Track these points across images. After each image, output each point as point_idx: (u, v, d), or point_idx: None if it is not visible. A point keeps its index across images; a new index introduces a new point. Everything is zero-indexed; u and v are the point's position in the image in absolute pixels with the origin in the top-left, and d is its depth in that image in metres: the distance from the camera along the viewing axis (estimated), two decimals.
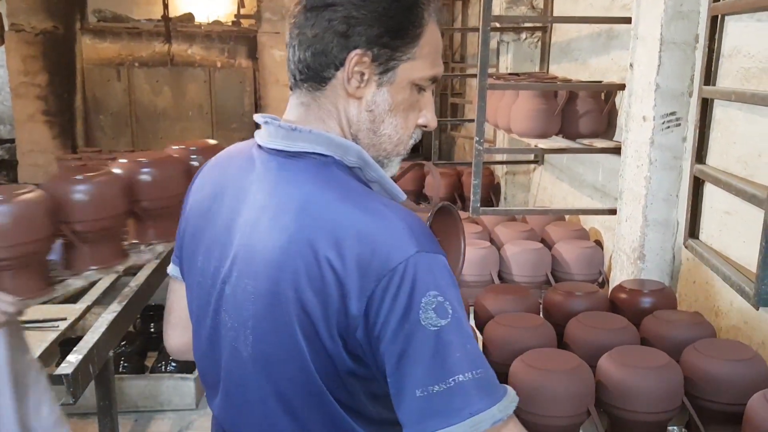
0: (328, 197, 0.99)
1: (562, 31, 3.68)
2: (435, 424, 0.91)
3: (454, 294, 0.95)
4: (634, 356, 1.62)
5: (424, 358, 0.92)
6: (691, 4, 2.10)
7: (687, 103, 2.19)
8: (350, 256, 0.94)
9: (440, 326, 0.92)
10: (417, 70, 1.05)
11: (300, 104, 1.09)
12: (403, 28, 1.02)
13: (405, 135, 1.09)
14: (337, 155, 1.04)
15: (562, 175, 3.71)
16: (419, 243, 0.95)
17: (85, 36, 6.53)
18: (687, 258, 2.22)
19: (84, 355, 2.17)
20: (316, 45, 1.02)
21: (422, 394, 0.91)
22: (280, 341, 1.00)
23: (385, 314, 0.93)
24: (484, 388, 0.93)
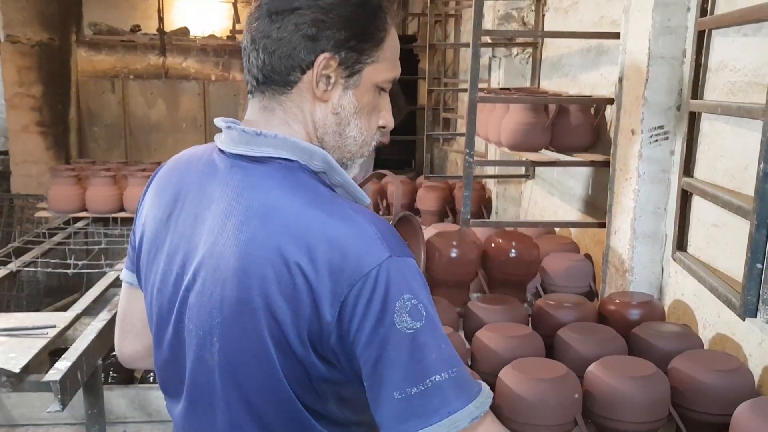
0: (296, 203, 0.99)
1: (553, 46, 3.72)
2: (414, 425, 0.92)
3: (426, 296, 0.97)
4: (622, 366, 1.63)
5: (400, 361, 0.93)
6: (679, 19, 2.14)
7: (675, 116, 2.21)
8: (322, 262, 0.94)
9: (415, 329, 0.93)
10: (380, 72, 1.07)
11: (263, 108, 1.08)
12: (368, 32, 1.04)
13: (369, 136, 1.11)
14: (302, 160, 1.04)
15: (553, 189, 3.73)
16: (390, 247, 0.96)
17: (81, 48, 6.56)
18: (675, 270, 2.23)
19: (73, 363, 2.17)
20: (283, 48, 1.03)
21: (400, 396, 0.93)
22: (249, 348, 1.00)
23: (359, 319, 0.94)
24: (460, 386, 0.95)
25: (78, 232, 4.45)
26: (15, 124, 6.18)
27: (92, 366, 2.36)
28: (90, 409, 2.45)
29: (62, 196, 4.69)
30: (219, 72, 6.83)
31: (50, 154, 6.25)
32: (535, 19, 3.94)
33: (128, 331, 1.30)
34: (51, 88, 6.21)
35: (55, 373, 2.09)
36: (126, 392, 3.52)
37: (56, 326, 2.44)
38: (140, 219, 1.20)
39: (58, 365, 2.14)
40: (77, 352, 2.25)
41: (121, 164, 5.31)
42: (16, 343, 2.27)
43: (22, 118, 6.19)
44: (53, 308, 4.16)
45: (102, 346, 2.47)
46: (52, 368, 2.12)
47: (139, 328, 1.26)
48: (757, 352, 1.80)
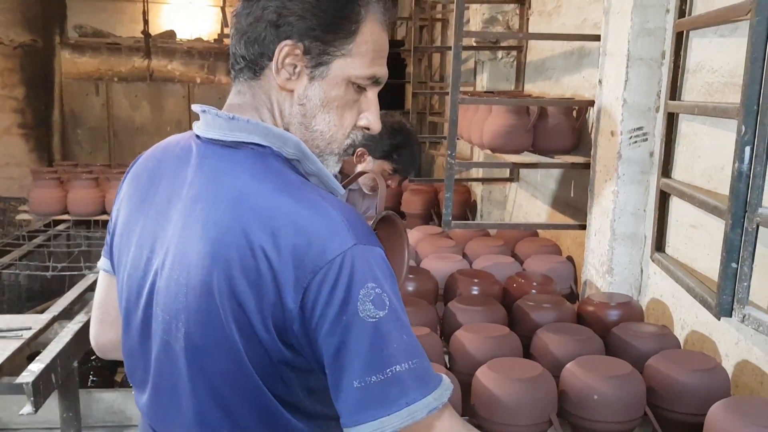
0: (265, 188, 0.98)
1: (537, 50, 3.73)
2: (372, 414, 0.92)
3: (391, 286, 0.96)
4: (597, 366, 1.63)
5: (362, 350, 0.92)
6: (657, 21, 2.14)
7: (654, 118, 2.22)
8: (286, 247, 0.93)
9: (378, 318, 0.93)
10: (353, 67, 1.03)
11: (237, 93, 1.08)
12: (336, 22, 1.01)
13: (339, 133, 1.08)
14: (275, 146, 1.03)
15: (537, 192, 3.73)
16: (357, 235, 0.95)
17: (65, 50, 6.52)
18: (654, 271, 2.23)
19: (46, 365, 2.14)
20: (250, 34, 1.02)
21: (360, 385, 0.92)
22: (213, 333, 0.99)
23: (322, 306, 0.93)
24: (420, 377, 0.94)
25: (59, 234, 4.41)
26: None
27: (67, 368, 2.33)
28: (65, 413, 2.41)
29: (43, 198, 4.64)
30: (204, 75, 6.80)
31: (33, 157, 6.21)
32: (520, 23, 3.95)
33: (104, 320, 1.28)
34: (34, 90, 6.17)
35: (27, 375, 2.06)
36: (105, 396, 3.49)
37: (31, 328, 2.40)
38: (116, 204, 1.19)
39: (32, 367, 2.11)
40: (51, 354, 2.21)
41: (104, 167, 5.28)
42: None
43: (4, 120, 6.14)
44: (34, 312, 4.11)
45: (78, 348, 2.44)
46: (25, 370, 2.09)
47: (113, 316, 1.24)
48: (734, 352, 1.80)
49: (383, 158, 2.39)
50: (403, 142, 2.39)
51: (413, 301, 2.11)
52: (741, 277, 1.54)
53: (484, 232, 3.28)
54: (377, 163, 2.40)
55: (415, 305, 2.06)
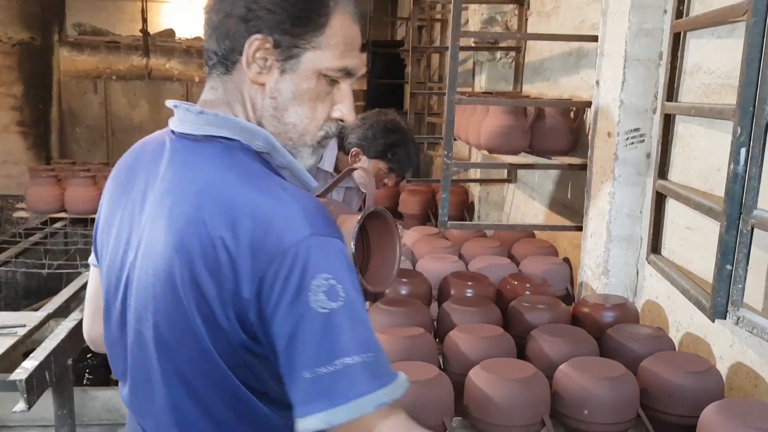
0: (228, 180, 0.99)
1: (535, 51, 3.73)
2: (320, 406, 0.92)
3: (348, 278, 0.96)
4: (590, 367, 1.62)
5: (312, 340, 0.92)
6: (655, 22, 2.14)
7: (651, 119, 2.21)
8: (244, 237, 0.94)
9: (330, 309, 0.93)
10: (324, 59, 1.05)
11: (210, 89, 1.10)
12: (305, 15, 1.02)
13: (312, 126, 1.09)
14: (243, 140, 1.04)
15: (534, 194, 3.73)
16: (314, 225, 0.95)
17: (63, 48, 6.52)
18: (650, 273, 2.23)
19: (40, 362, 2.13)
20: (221, 29, 1.04)
21: (310, 375, 0.92)
22: (179, 323, 1.00)
23: (276, 296, 0.93)
24: (372, 371, 0.94)
25: (56, 232, 4.40)
26: None
27: (62, 366, 2.32)
28: (59, 410, 2.41)
29: (41, 196, 4.64)
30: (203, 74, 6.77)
31: (30, 155, 6.20)
32: (518, 23, 3.95)
33: (95, 313, 1.29)
34: (32, 88, 6.17)
35: (21, 372, 2.06)
36: (100, 394, 3.48)
37: (26, 326, 2.40)
38: (101, 200, 1.22)
39: (25, 364, 2.11)
40: (45, 351, 2.21)
41: (101, 165, 5.27)
42: None
43: (2, 117, 6.14)
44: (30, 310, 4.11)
45: (73, 346, 2.43)
46: (19, 367, 2.09)
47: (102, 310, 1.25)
48: (728, 355, 1.80)
49: (378, 158, 2.38)
50: (398, 141, 2.38)
51: (407, 302, 2.11)
52: (735, 279, 1.54)
53: (480, 233, 3.27)
54: (372, 163, 2.40)
55: (409, 305, 2.06)
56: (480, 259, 2.69)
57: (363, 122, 2.42)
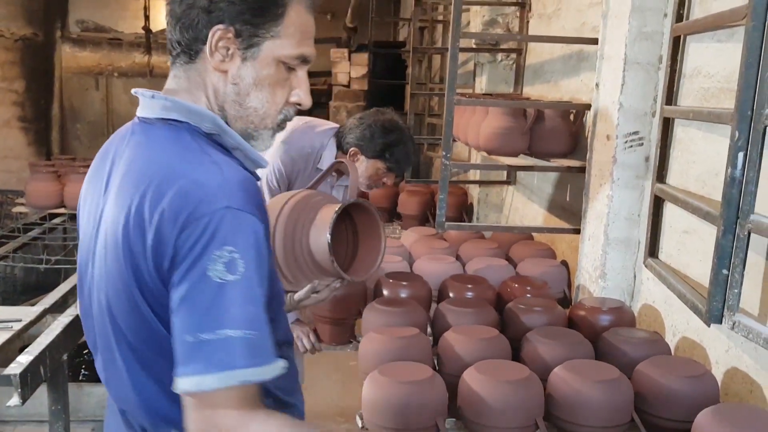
0: (166, 156, 1.07)
1: (536, 53, 3.72)
2: (194, 369, 0.97)
3: (255, 257, 1.00)
4: (585, 370, 1.62)
5: (201, 306, 0.97)
6: (655, 25, 2.13)
7: (650, 122, 2.21)
8: (170, 206, 1.00)
9: (226, 280, 0.97)
10: (282, 48, 1.11)
11: (173, 77, 1.16)
12: (264, 6, 1.09)
13: (272, 110, 1.15)
14: (192, 122, 1.11)
15: (533, 196, 3.72)
16: (231, 199, 1.00)
17: (65, 44, 6.52)
18: (647, 277, 2.22)
19: (35, 357, 2.12)
20: (184, 20, 1.10)
21: (191, 339, 0.97)
22: (123, 291, 1.07)
23: (180, 260, 0.99)
24: (251, 348, 0.98)
25: (55, 228, 4.39)
26: None
27: (57, 361, 2.31)
28: (53, 405, 2.40)
29: (40, 191, 4.64)
30: None
31: (31, 150, 6.20)
32: (520, 26, 3.94)
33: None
34: (34, 84, 6.17)
35: (15, 366, 2.05)
36: (95, 390, 3.48)
37: (22, 320, 2.39)
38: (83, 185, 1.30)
39: (20, 359, 2.10)
40: (41, 346, 2.20)
41: None
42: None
43: (3, 113, 6.14)
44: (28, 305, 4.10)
45: (68, 341, 2.42)
46: (14, 362, 2.08)
47: None
48: (724, 360, 1.79)
49: (376, 157, 2.38)
50: (396, 140, 2.37)
51: (402, 302, 2.11)
52: (732, 283, 1.53)
53: (478, 234, 3.27)
54: (370, 163, 2.39)
55: (404, 306, 2.05)
56: (477, 261, 2.69)
57: (361, 122, 2.42)
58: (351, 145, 2.38)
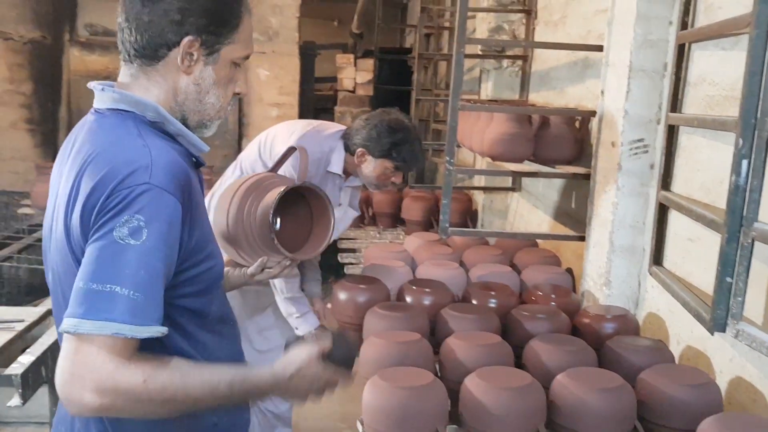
0: (107, 140, 1.19)
1: (542, 60, 3.72)
2: (76, 312, 1.05)
3: (160, 230, 1.10)
4: (588, 377, 1.61)
5: (99, 260, 1.07)
6: (660, 33, 2.13)
7: (655, 129, 2.20)
8: (101, 181, 1.11)
9: (127, 243, 1.08)
10: (235, 51, 1.29)
11: (130, 75, 1.28)
12: (225, 19, 1.26)
13: (225, 103, 1.32)
14: (138, 111, 1.23)
15: (538, 203, 3.72)
16: (153, 177, 1.12)
17: (74, 48, 6.52)
18: (652, 285, 2.21)
19: (37, 357, 2.14)
20: (153, 29, 1.22)
21: (82, 285, 1.06)
22: (65, 259, 1.18)
23: (97, 224, 1.10)
24: (133, 307, 1.07)
25: None
26: (3, 121, 6.14)
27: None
28: (54, 407, 2.40)
29: (46, 192, 4.62)
30: None
31: (38, 152, 6.20)
32: (526, 32, 3.94)
33: None
34: (41, 86, 6.17)
35: (17, 366, 2.06)
36: None
37: (24, 321, 2.40)
38: None
39: (21, 359, 2.11)
40: (42, 347, 2.22)
41: None
42: None
43: (11, 114, 6.15)
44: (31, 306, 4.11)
45: None
46: (15, 362, 2.09)
47: None
48: (728, 368, 1.78)
49: (384, 157, 2.38)
50: (402, 138, 2.37)
51: (404, 307, 2.10)
52: (736, 291, 1.52)
53: (483, 240, 3.26)
54: (378, 162, 2.39)
55: (406, 311, 2.05)
56: (481, 267, 2.68)
57: (367, 122, 2.42)
58: (358, 145, 2.38)
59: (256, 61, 6.12)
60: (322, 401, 1.34)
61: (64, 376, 1.06)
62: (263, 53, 6.14)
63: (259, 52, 6.10)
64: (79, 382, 1.05)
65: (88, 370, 1.05)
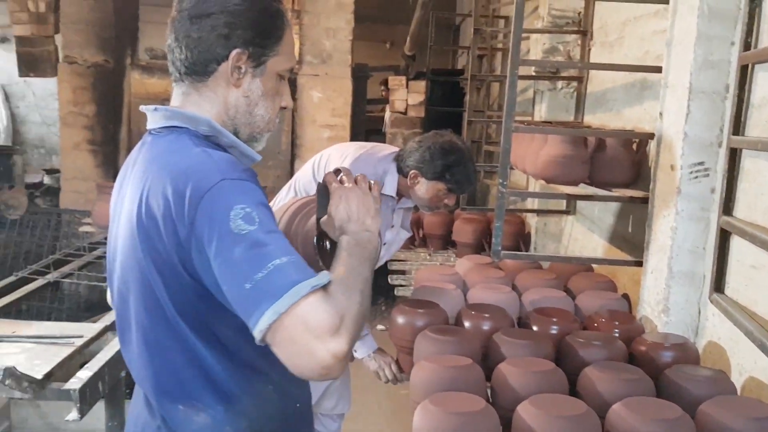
0: (169, 155, 1.24)
1: (598, 81, 3.67)
2: (266, 305, 1.07)
3: (263, 210, 1.14)
4: (646, 407, 1.56)
5: (243, 257, 1.09)
6: (722, 53, 2.08)
7: (716, 153, 2.14)
8: (176, 192, 1.15)
9: (249, 230, 1.10)
10: (280, 63, 1.34)
11: (182, 93, 1.34)
12: (270, 31, 1.31)
13: (273, 115, 1.37)
14: (191, 126, 1.29)
15: (594, 227, 3.65)
16: (224, 173, 1.16)
17: (134, 71, 6.73)
18: (712, 313, 2.14)
19: (94, 373, 2.18)
20: (202, 45, 1.28)
21: (250, 285, 1.08)
22: (138, 274, 1.22)
23: (207, 233, 1.12)
24: (299, 267, 1.11)
25: None
26: (67, 142, 6.37)
27: (115, 378, 2.37)
28: (110, 421, 2.45)
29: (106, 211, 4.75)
30: None
31: (99, 172, 6.40)
32: (581, 53, 3.90)
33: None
34: (103, 108, 6.38)
35: (75, 381, 2.11)
36: None
37: (83, 336, 2.46)
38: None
39: (80, 374, 2.16)
40: (100, 362, 2.26)
41: None
42: (42, 351, 2.31)
43: (74, 135, 6.37)
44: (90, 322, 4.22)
45: None
46: (74, 377, 2.14)
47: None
48: None
49: (436, 179, 2.37)
50: (455, 161, 2.36)
51: (456, 331, 2.08)
52: None
53: (536, 264, 3.21)
54: (431, 184, 2.38)
55: (458, 335, 2.03)
56: (534, 291, 2.64)
57: (420, 144, 2.42)
58: (411, 167, 2.39)
59: (309, 83, 6.21)
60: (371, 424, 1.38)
61: (303, 358, 1.07)
62: (316, 75, 6.22)
63: (312, 74, 6.19)
64: (317, 345, 1.06)
65: (312, 330, 1.06)
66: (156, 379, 1.28)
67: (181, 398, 1.27)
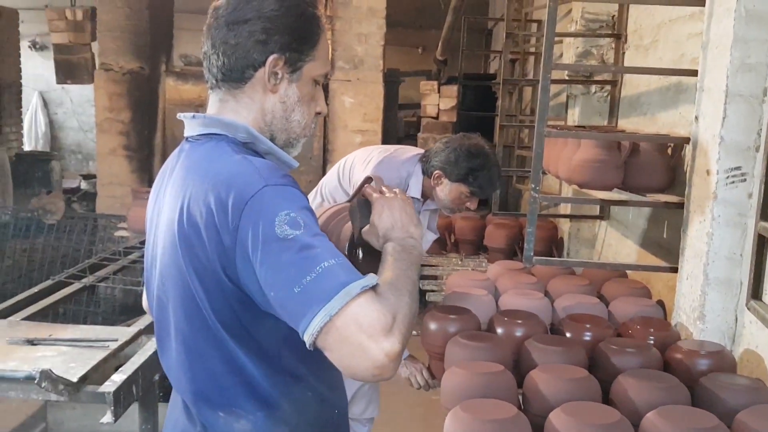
0: (208, 162, 1.24)
1: (632, 85, 3.63)
2: (316, 308, 1.07)
3: (306, 214, 1.14)
4: (681, 416, 1.53)
5: (290, 261, 1.09)
6: (759, 56, 2.04)
7: (753, 157, 2.10)
8: (218, 199, 1.15)
9: (295, 235, 1.11)
10: (316, 68, 1.34)
11: (218, 100, 1.34)
12: (306, 36, 1.31)
13: (309, 120, 1.37)
14: (229, 133, 1.29)
15: (628, 232, 3.60)
16: (267, 179, 1.16)
17: (169, 78, 6.84)
18: (750, 320, 2.10)
19: (128, 376, 2.21)
20: (239, 51, 1.28)
21: (299, 289, 1.08)
22: (179, 281, 1.23)
23: (252, 240, 1.12)
24: (347, 268, 1.11)
25: None
26: (103, 147, 6.49)
27: (149, 381, 2.40)
28: (144, 424, 2.48)
29: (141, 216, 4.80)
30: None
31: (134, 177, 6.52)
32: (615, 57, 3.85)
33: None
34: (139, 114, 6.50)
35: (110, 384, 2.14)
36: None
37: (118, 340, 2.49)
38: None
39: (114, 377, 2.19)
40: (134, 366, 2.29)
41: None
42: (77, 354, 2.34)
43: (110, 141, 6.49)
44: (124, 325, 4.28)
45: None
46: (108, 380, 2.17)
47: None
48: None
49: (460, 181, 2.36)
50: (480, 165, 2.35)
51: (487, 337, 2.07)
52: None
53: (569, 270, 3.18)
54: (454, 186, 2.38)
55: (489, 341, 2.01)
56: (567, 298, 2.61)
57: (446, 145, 2.42)
58: (435, 168, 2.38)
59: (341, 88, 6.24)
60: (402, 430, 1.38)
61: (356, 359, 1.07)
62: (348, 81, 6.26)
63: (344, 79, 6.23)
64: (371, 345, 1.06)
65: (365, 329, 1.06)
66: (196, 386, 1.29)
67: (221, 405, 1.27)
